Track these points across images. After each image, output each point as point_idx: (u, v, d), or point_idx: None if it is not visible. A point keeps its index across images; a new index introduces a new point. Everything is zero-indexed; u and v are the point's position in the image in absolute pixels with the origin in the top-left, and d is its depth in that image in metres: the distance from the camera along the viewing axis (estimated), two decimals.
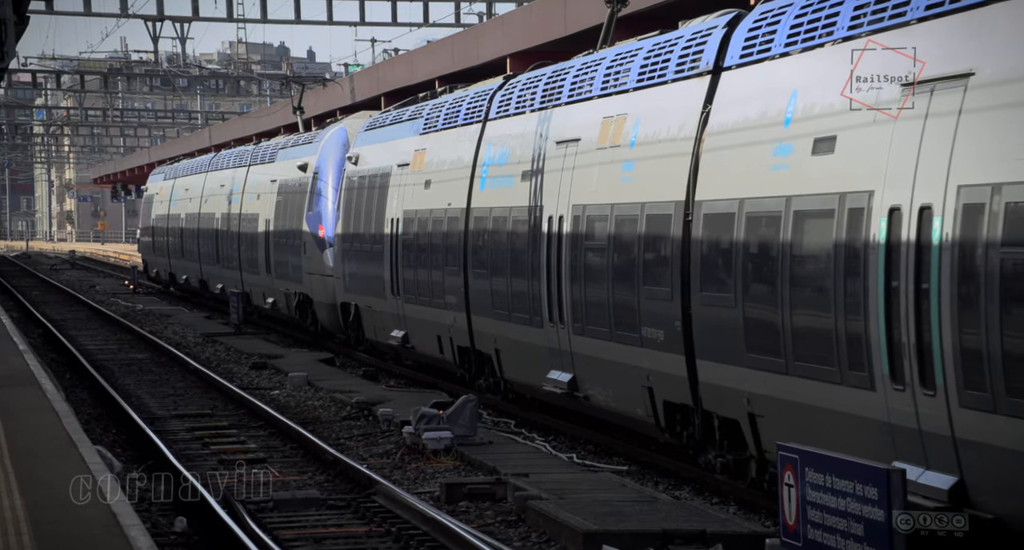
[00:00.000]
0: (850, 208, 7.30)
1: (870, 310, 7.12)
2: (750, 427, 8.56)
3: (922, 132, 6.83)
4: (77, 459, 7.99)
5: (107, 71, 53.49)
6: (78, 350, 20.16)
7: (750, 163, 8.48)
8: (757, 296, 8.28)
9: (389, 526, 8.97)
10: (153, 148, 66.61)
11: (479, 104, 13.82)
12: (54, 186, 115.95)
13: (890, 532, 5.98)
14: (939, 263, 6.59)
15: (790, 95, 8.11)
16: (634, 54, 10.65)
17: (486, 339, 12.89)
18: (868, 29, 7.47)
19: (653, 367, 9.74)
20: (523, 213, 11.87)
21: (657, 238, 9.62)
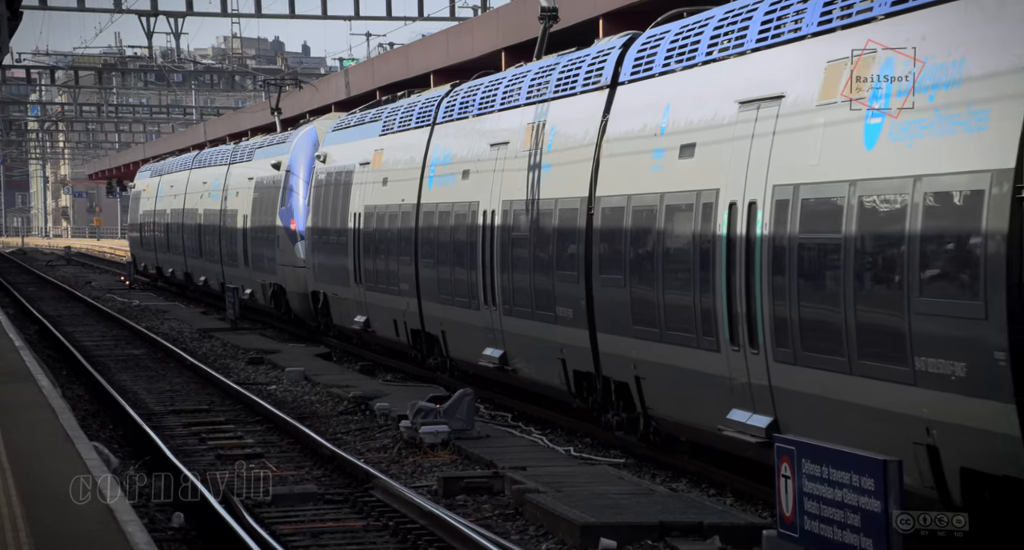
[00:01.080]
0: (703, 203, 8.94)
1: (717, 287, 8.76)
2: (636, 388, 10.16)
3: (751, 140, 8.49)
4: (74, 455, 7.99)
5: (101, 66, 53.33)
6: (74, 346, 20.13)
7: (636, 165, 10.06)
8: (640, 277, 9.90)
9: (387, 520, 8.98)
10: (148, 143, 66.50)
11: (428, 109, 15.40)
12: (49, 182, 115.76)
13: (887, 523, 5.99)
14: (760, 248, 8.23)
15: (664, 108, 9.77)
16: (553, 68, 12.22)
17: (434, 322, 14.47)
18: (719, 56, 9.25)
19: (565, 341, 11.32)
20: (463, 208, 13.43)
21: (568, 229, 11.17)
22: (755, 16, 8.82)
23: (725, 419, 8.64)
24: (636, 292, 9.87)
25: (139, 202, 38.15)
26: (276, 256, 21.90)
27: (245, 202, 24.53)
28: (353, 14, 30.74)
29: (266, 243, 22.62)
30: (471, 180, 13.34)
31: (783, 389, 8.02)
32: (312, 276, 19.46)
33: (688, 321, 9.08)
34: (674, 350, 9.33)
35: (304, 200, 20.56)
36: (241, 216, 24.70)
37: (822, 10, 7.98)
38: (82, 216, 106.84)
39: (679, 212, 9.19)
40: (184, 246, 30.58)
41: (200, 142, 49.76)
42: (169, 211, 32.86)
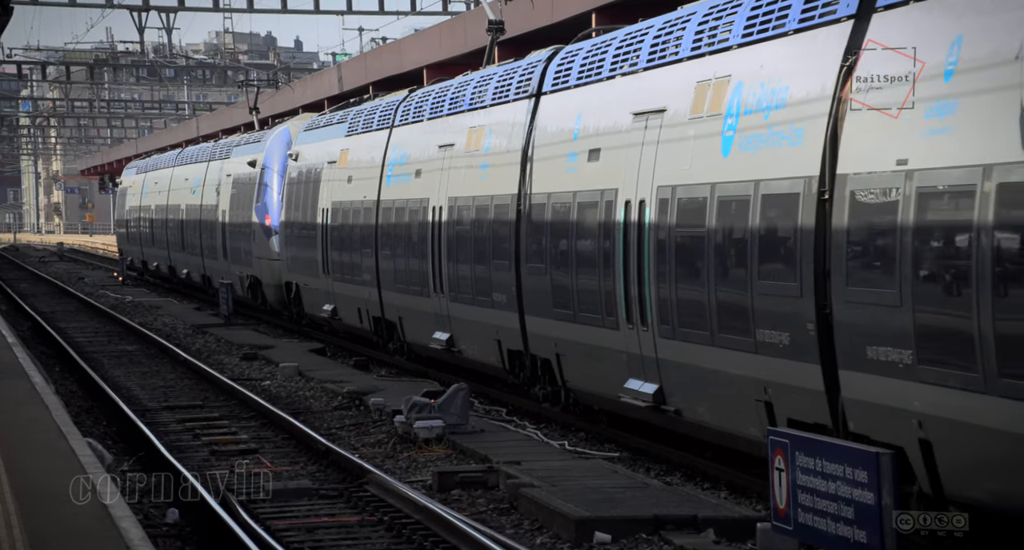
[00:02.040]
0: (606, 201, 10.36)
1: (616, 274, 10.21)
2: (557, 364, 11.68)
3: (642, 147, 9.93)
4: (67, 451, 7.97)
5: (93, 62, 53.15)
6: (67, 342, 20.09)
7: (555, 166, 11.57)
8: (558, 266, 11.35)
9: (381, 515, 8.98)
10: (140, 139, 66.32)
11: (388, 113, 16.83)
12: (41, 178, 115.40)
13: (880, 515, 6.01)
14: (647, 240, 9.70)
15: (577, 117, 11.25)
16: (491, 77, 13.65)
17: (392, 310, 15.86)
18: (619, 72, 10.69)
19: (500, 324, 12.71)
20: (416, 205, 14.80)
21: (501, 223, 12.56)
22: (646, 40, 10.39)
23: (623, 387, 10.15)
24: (555, 279, 11.36)
25: (125, 198, 39.47)
26: (252, 249, 23.20)
27: (224, 198, 25.80)
28: (346, 9, 30.68)
29: (243, 237, 23.95)
30: (423, 178, 14.69)
31: (666, 360, 9.58)
32: (285, 268, 20.94)
33: (596, 304, 10.54)
34: (585, 329, 10.80)
35: (278, 196, 21.87)
36: (220, 211, 26.03)
37: (694, 38, 9.55)
38: (74, 212, 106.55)
39: (588, 209, 10.67)
40: (168, 240, 32.03)
41: (193, 137, 49.67)
42: (154, 207, 34.26)
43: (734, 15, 9.00)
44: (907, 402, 6.90)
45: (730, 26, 8.99)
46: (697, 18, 9.53)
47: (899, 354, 6.91)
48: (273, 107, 42.68)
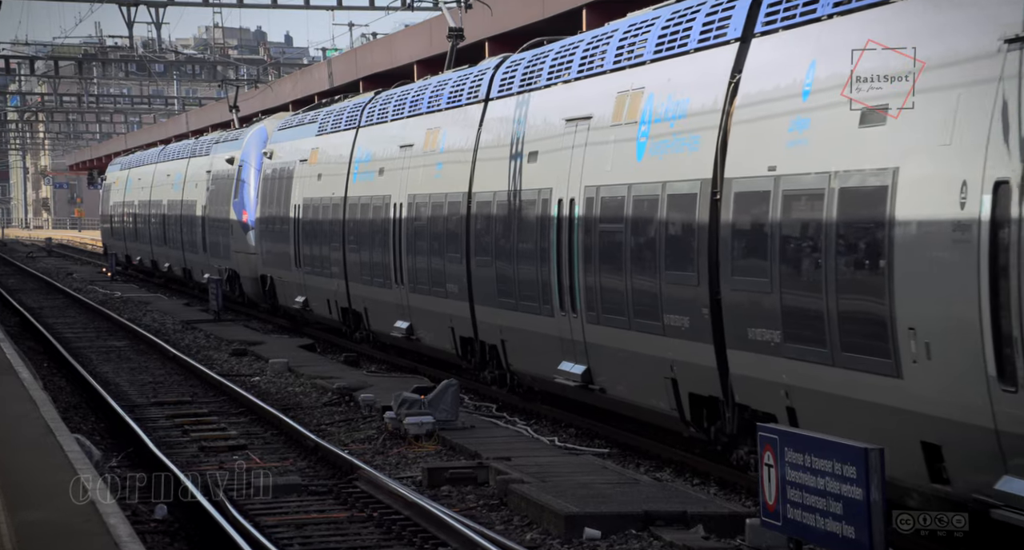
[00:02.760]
0: (543, 199, 11.45)
1: (551, 265, 11.31)
2: (502, 349, 12.74)
3: (572, 150, 11.02)
4: (55, 447, 7.94)
5: (82, 56, 52.90)
6: (56, 338, 20.02)
7: (498, 167, 12.57)
8: (502, 258, 12.37)
9: (371, 511, 8.96)
10: (130, 134, 66.07)
11: (355, 114, 17.88)
12: (29, 173, 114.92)
13: (868, 510, 6.02)
14: (576, 234, 10.77)
15: (518, 121, 12.35)
16: (447, 82, 14.72)
17: (358, 300, 16.87)
18: (555, 81, 11.82)
19: (454, 313, 13.68)
20: (379, 201, 15.79)
21: (454, 219, 13.57)
22: (577, 52, 11.53)
23: (557, 369, 11.28)
24: (500, 271, 12.45)
25: (110, 194, 40.75)
26: (230, 243, 24.22)
27: (203, 193, 26.95)
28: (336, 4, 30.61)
29: (221, 231, 24.97)
30: (385, 176, 15.76)
31: (592, 343, 10.70)
32: (261, 261, 21.92)
33: (535, 293, 11.67)
34: (525, 317, 11.90)
35: (255, 192, 22.79)
36: (200, 206, 27.19)
37: (615, 53, 10.67)
38: (63, 207, 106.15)
39: (528, 206, 11.79)
40: (151, 235, 33.26)
41: (182, 133, 49.49)
42: (137, 202, 35.41)
43: (648, 33, 10.14)
44: (776, 375, 8.06)
45: (644, 43, 10.14)
46: (619, 34, 10.69)
47: (771, 334, 8.06)
48: (263, 103, 42.58)
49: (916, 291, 6.74)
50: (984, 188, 6.30)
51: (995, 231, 6.22)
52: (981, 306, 6.24)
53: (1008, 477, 6.26)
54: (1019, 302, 6.02)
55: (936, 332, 6.62)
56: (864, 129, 7.20)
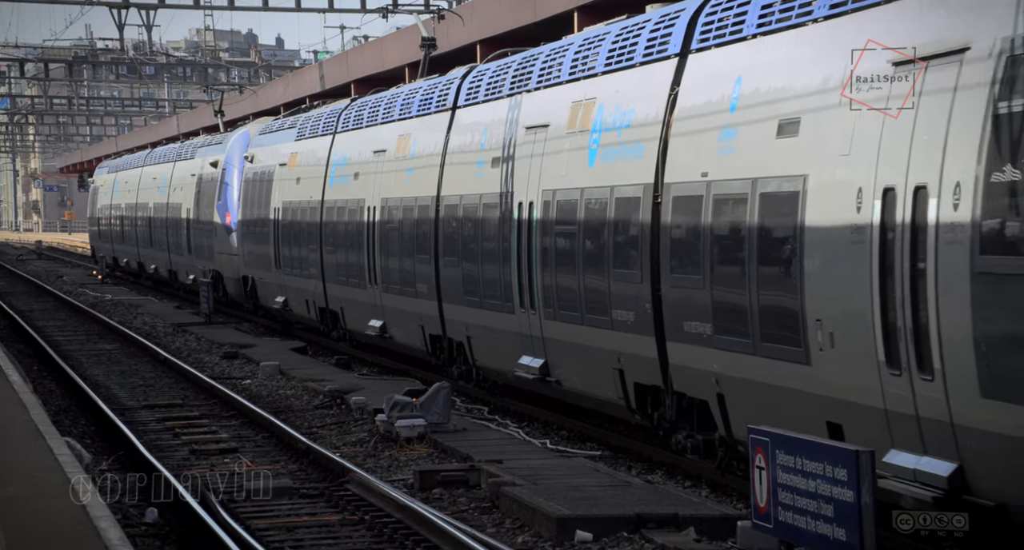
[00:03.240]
0: (505, 202, 12.18)
1: (512, 265, 12.01)
2: (468, 346, 13.38)
3: (531, 157, 11.85)
4: (46, 451, 7.91)
5: (72, 59, 52.77)
6: (46, 341, 19.96)
7: (466, 172, 13.31)
8: (467, 259, 13.09)
9: (362, 514, 8.96)
10: (120, 137, 65.90)
11: (331, 120, 18.60)
12: (19, 176, 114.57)
13: (859, 513, 6.03)
14: (535, 234, 11.57)
15: (484, 129, 13.09)
16: (418, 90, 15.49)
17: (335, 300, 17.54)
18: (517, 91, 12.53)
19: (424, 312, 14.40)
20: (355, 204, 16.52)
21: (423, 221, 14.35)
22: (536, 64, 12.30)
23: (518, 363, 11.92)
24: (466, 271, 13.11)
25: (97, 197, 41.29)
26: (214, 245, 24.88)
27: (188, 196, 27.65)
28: (327, 7, 30.57)
29: (206, 233, 25.71)
30: (360, 180, 16.46)
31: (549, 338, 11.43)
32: (243, 263, 22.64)
33: (497, 292, 12.31)
34: (489, 314, 12.56)
35: (237, 195, 23.38)
36: (185, 209, 27.95)
37: (571, 65, 11.42)
38: (53, 210, 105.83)
39: (491, 209, 12.47)
40: (137, 237, 33.93)
41: (173, 135, 49.40)
42: (124, 205, 36.03)
43: (600, 47, 10.91)
44: (708, 364, 8.85)
45: (597, 56, 10.91)
46: (574, 48, 11.50)
47: (703, 327, 8.85)
48: (255, 105, 42.53)
49: (822, 287, 7.45)
50: (875, 194, 6.99)
51: (883, 233, 6.89)
52: (873, 299, 6.92)
53: (894, 450, 6.90)
54: (902, 296, 6.71)
55: (838, 323, 7.31)
56: (780, 140, 7.95)
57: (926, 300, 6.54)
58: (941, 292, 6.43)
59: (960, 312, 6.29)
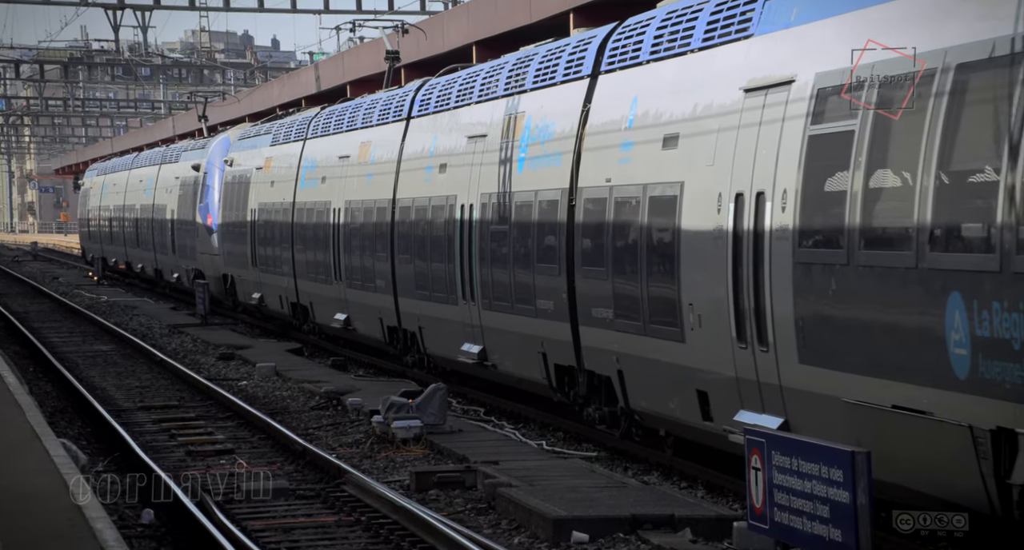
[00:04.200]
0: (449, 204, 13.62)
1: (455, 260, 13.31)
2: (420, 336, 14.76)
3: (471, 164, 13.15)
4: (41, 452, 7.91)
5: (67, 60, 52.71)
6: (41, 342, 19.94)
7: (417, 177, 14.73)
8: (419, 256, 14.33)
9: (359, 515, 8.96)
10: (116, 138, 65.83)
11: (303, 127, 20.02)
12: (15, 177, 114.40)
13: (855, 514, 6.04)
14: (474, 233, 12.85)
15: (432, 138, 14.47)
16: (379, 100, 17.05)
17: (305, 296, 19.01)
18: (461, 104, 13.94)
19: (382, 305, 15.74)
20: (322, 206, 17.96)
21: (381, 222, 15.73)
22: (477, 79, 13.62)
23: (460, 350, 13.24)
24: (417, 267, 14.41)
25: (87, 198, 43.14)
26: (196, 245, 26.24)
27: (173, 198, 29.11)
28: (323, 7, 30.55)
29: (189, 234, 27.07)
30: (327, 184, 17.90)
31: (486, 327, 12.72)
32: (223, 261, 23.93)
33: (444, 285, 13.61)
34: (437, 306, 13.84)
35: (218, 197, 24.70)
36: (169, 210, 29.45)
37: (506, 81, 12.84)
38: (49, 211, 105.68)
39: (438, 210, 13.84)
40: (125, 238, 35.41)
41: (168, 137, 49.35)
42: (112, 207, 37.55)
43: (528, 67, 12.42)
44: (610, 345, 10.25)
45: (526, 74, 12.38)
46: (508, 66, 12.95)
47: (607, 312, 10.21)
48: (251, 106, 42.49)
49: (693, 276, 8.95)
50: (729, 199, 8.46)
51: (735, 231, 8.40)
52: (728, 286, 8.44)
53: (743, 411, 8.39)
54: (747, 283, 8.22)
55: (704, 307, 8.80)
56: (664, 151, 9.42)
57: (763, 286, 8.00)
58: (773, 279, 7.89)
59: (785, 295, 7.74)
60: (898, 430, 6.85)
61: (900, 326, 6.76)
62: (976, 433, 6.26)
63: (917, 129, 6.65)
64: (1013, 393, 6.02)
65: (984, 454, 6.23)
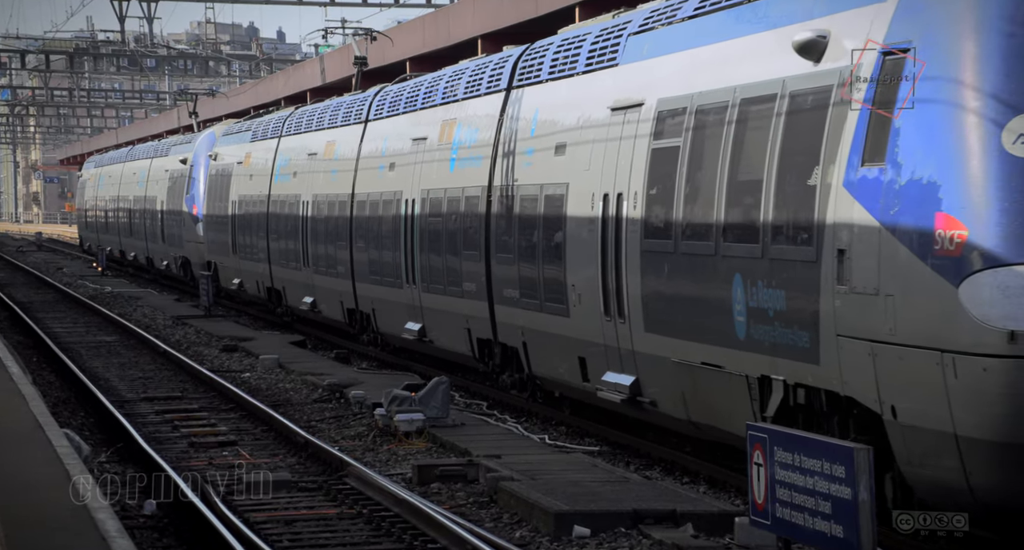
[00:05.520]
0: (396, 199, 15.51)
1: (400, 248, 15.29)
2: (373, 316, 16.74)
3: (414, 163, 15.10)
4: (44, 442, 7.92)
5: (73, 51, 52.69)
6: (45, 332, 19.97)
7: (371, 174, 16.75)
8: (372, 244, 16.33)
9: (361, 508, 8.96)
10: (121, 129, 65.87)
11: (278, 125, 22.17)
12: (20, 167, 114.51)
13: (856, 509, 6.04)
14: (415, 224, 14.69)
15: (384, 139, 16.43)
16: (342, 104, 19.12)
17: (279, 281, 21.12)
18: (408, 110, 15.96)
19: (343, 289, 17.79)
20: (293, 199, 20.05)
21: (341, 214, 17.72)
22: (421, 89, 15.64)
23: (405, 328, 15.18)
24: (371, 255, 16.37)
25: (85, 190, 45.78)
26: (183, 234, 28.18)
27: (163, 190, 31.03)
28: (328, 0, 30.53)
29: (176, 224, 29.00)
30: (297, 179, 19.95)
31: (426, 307, 14.58)
32: (207, 249, 25.95)
33: (392, 271, 15.54)
34: (387, 290, 15.77)
35: (203, 189, 26.49)
36: (159, 201, 31.38)
37: (443, 91, 14.73)
38: (53, 202, 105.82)
39: (388, 204, 15.74)
40: (119, 227, 37.48)
41: (174, 128, 49.38)
42: (108, 197, 39.71)
43: (460, 79, 14.34)
44: (517, 320, 12.25)
45: (459, 86, 14.29)
46: (446, 78, 14.95)
47: (514, 292, 12.22)
48: (256, 98, 42.48)
49: (575, 261, 10.89)
50: (599, 198, 10.44)
51: (603, 224, 10.35)
52: (598, 269, 10.43)
53: (609, 372, 10.38)
54: (611, 266, 10.18)
55: (583, 287, 10.75)
56: (556, 157, 11.43)
57: (621, 269, 10.02)
58: (627, 264, 9.93)
59: (635, 277, 9.82)
60: (705, 382, 8.90)
61: (705, 300, 8.77)
62: (750, 381, 8.26)
63: (716, 148, 8.72)
64: (769, 349, 8.02)
65: (754, 396, 8.22)
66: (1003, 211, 6.45)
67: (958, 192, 6.55)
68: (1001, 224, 6.44)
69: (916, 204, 6.70)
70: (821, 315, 7.40)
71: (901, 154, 6.85)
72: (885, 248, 6.83)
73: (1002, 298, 6.37)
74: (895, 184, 6.84)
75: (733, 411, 8.45)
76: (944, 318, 6.49)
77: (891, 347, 6.79)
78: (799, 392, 7.77)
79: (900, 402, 6.84)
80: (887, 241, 6.82)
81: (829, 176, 7.37)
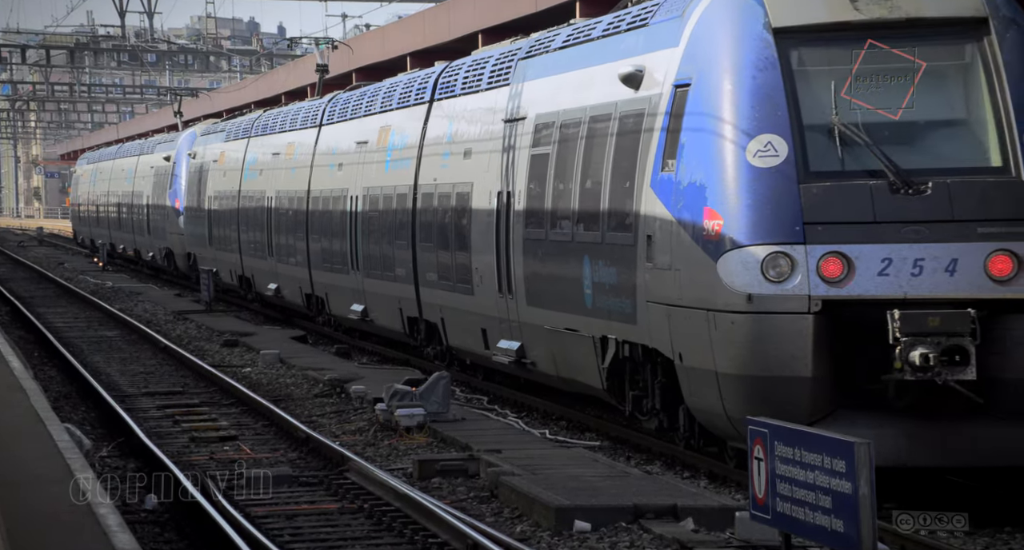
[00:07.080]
0: (344, 195, 17.45)
1: (346, 239, 17.21)
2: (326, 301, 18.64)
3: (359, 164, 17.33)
4: (46, 437, 7.93)
5: (73, 46, 52.65)
6: (46, 327, 19.99)
7: (324, 172, 18.63)
8: (325, 235, 18.31)
9: (361, 503, 8.98)
10: (122, 124, 65.85)
11: (248, 126, 24.30)
12: (21, 162, 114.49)
13: (856, 505, 6.04)
14: (358, 218, 16.91)
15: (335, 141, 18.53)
16: (301, 109, 21.24)
17: (249, 269, 23.20)
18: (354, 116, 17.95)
19: (302, 277, 19.59)
20: (260, 194, 22.24)
21: (298, 209, 19.77)
22: (364, 98, 17.73)
23: (350, 309, 17.14)
24: (323, 245, 18.35)
25: (78, 185, 48.14)
26: (166, 227, 30.10)
27: (148, 185, 32.94)
28: None
29: (160, 217, 30.93)
30: (263, 176, 22.01)
31: (367, 291, 16.62)
32: (187, 241, 27.97)
33: (340, 259, 17.54)
34: (337, 276, 17.78)
35: (184, 185, 28.36)
36: (145, 196, 33.32)
37: (382, 100, 16.85)
38: (54, 196, 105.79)
39: (337, 200, 17.70)
40: (108, 221, 39.54)
41: (173, 123, 49.39)
42: (99, 193, 41.83)
43: (396, 90, 16.42)
44: (436, 299, 14.20)
45: (394, 96, 16.36)
46: (384, 90, 17.11)
47: (434, 275, 14.16)
48: (257, 92, 42.43)
49: (478, 248, 12.84)
50: (495, 194, 12.48)
51: (497, 217, 12.29)
52: (494, 254, 12.38)
53: (502, 340, 12.35)
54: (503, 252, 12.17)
55: (483, 269, 12.70)
56: (464, 160, 13.44)
57: (510, 254, 12.01)
58: (513, 249, 11.97)
59: (519, 259, 11.84)
60: (567, 344, 11.04)
61: (566, 278, 10.91)
62: (595, 341, 10.45)
63: (573, 155, 10.92)
64: (606, 314, 10.21)
65: (598, 352, 10.45)
66: (747, 206, 8.58)
67: (717, 192, 8.75)
68: (745, 216, 8.59)
69: (693, 201, 8.94)
70: (637, 286, 9.69)
71: (684, 163, 9.12)
72: (675, 234, 9.11)
73: (743, 270, 8.52)
74: (680, 186, 9.12)
75: (585, 365, 10.77)
76: (708, 286, 8.74)
77: (679, 309, 9.09)
78: (625, 347, 10.07)
79: (684, 350, 9.09)
80: (676, 229, 9.10)
81: (642, 179, 9.65)
